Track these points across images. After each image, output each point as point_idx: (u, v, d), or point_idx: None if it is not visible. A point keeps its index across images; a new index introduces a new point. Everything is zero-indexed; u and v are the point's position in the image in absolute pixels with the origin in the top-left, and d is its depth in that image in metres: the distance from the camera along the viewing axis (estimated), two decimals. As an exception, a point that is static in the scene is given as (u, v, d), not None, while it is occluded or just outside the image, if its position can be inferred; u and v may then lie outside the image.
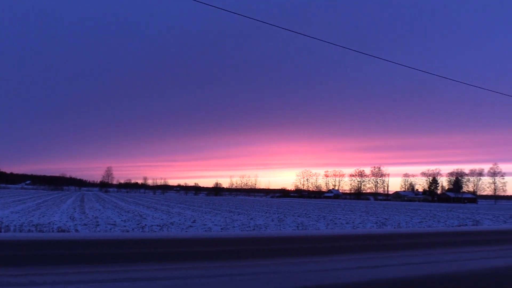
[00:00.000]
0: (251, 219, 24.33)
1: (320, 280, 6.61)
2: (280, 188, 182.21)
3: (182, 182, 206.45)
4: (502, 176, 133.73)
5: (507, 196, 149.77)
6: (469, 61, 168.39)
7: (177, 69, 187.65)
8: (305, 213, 32.77)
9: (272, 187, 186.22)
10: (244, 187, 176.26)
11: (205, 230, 16.09)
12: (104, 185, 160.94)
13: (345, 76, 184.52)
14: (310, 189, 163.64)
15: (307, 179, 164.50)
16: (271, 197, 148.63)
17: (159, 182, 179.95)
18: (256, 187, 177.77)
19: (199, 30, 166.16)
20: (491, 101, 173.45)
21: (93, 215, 22.23)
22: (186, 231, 15.10)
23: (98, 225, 16.74)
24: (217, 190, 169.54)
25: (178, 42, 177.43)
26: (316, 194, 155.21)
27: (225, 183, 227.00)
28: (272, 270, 7.36)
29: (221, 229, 17.12)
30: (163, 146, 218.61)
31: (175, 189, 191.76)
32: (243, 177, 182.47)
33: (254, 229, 17.43)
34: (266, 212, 33.35)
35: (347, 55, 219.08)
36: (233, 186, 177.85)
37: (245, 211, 34.30)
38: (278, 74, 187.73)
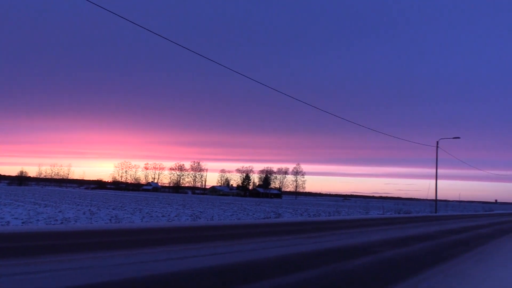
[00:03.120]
0: (60, 211, 22.46)
1: (125, 273, 6.53)
2: (96, 179, 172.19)
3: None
4: (303, 175, 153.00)
5: (306, 192, 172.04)
6: (285, 72, 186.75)
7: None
8: (121, 206, 31.73)
9: (87, 178, 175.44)
10: (55, 177, 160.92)
11: (2, 225, 14.24)
12: None
13: (170, 71, 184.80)
14: (129, 181, 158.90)
15: (126, 171, 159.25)
16: (86, 188, 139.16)
17: None
18: (69, 178, 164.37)
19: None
20: (297, 108, 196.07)
21: None
22: (-25, 226, 13.09)
23: None
24: (21, 179, 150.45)
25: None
26: (135, 187, 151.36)
27: (32, 171, 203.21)
28: (75, 265, 6.95)
29: (22, 223, 15.40)
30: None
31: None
32: (54, 166, 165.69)
33: (62, 222, 16.16)
34: (78, 205, 31.20)
35: (176, 49, 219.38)
36: (42, 176, 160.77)
37: (53, 203, 31.45)
38: (99, 58, 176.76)
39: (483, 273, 8.53)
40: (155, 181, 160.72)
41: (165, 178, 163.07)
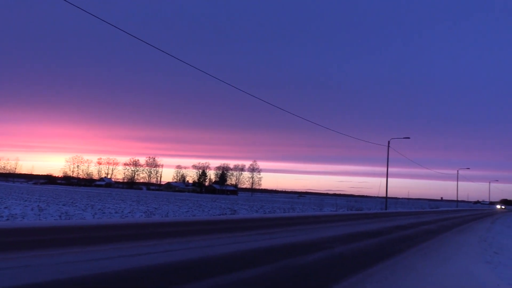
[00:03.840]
0: (6, 207, 21.45)
1: (73, 271, 6.36)
2: (46, 174, 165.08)
3: None
4: (259, 172, 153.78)
5: (262, 189, 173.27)
6: (240, 67, 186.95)
7: None
8: (72, 202, 30.71)
9: (36, 172, 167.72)
10: (1, 171, 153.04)
11: None
12: None
13: (125, 65, 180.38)
14: (81, 176, 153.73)
15: (78, 166, 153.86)
16: (34, 183, 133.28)
17: None
18: (17, 172, 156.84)
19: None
20: (254, 105, 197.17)
21: None
22: None
23: None
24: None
25: None
26: (87, 182, 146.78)
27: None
28: (19, 264, 6.69)
29: (-38, 219, 14.60)
30: None
31: None
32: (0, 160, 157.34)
33: (8, 219, 15.45)
34: (26, 200, 29.90)
35: (132, 42, 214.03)
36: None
37: (-2, 199, 29.95)
38: (51, 49, 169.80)
39: (428, 268, 8.96)
40: (109, 176, 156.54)
41: (119, 173, 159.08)
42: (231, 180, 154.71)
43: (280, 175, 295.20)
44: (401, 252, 11.20)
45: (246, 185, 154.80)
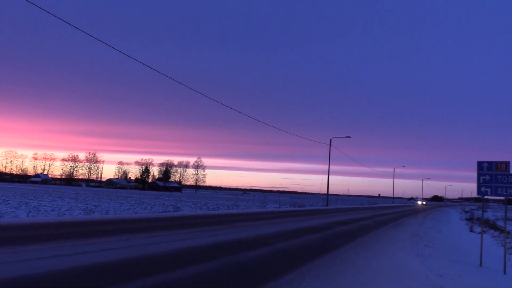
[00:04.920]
0: None
1: (3, 272, 6.04)
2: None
3: None
4: (203, 168, 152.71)
5: (206, 186, 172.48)
6: (185, 64, 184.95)
7: None
8: (4, 199, 28.95)
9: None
10: None
11: None
12: None
13: (63, 52, 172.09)
14: (14, 172, 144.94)
15: (11, 161, 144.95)
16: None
17: None
18: None
19: None
20: (199, 102, 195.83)
21: None
22: None
23: None
24: None
25: None
26: (21, 178, 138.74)
27: None
28: None
29: None
30: None
31: None
32: None
33: None
34: (-50, 198, 27.83)
35: (69, 30, 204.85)
36: None
37: None
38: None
39: (365, 261, 9.37)
40: (45, 172, 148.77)
41: (57, 169, 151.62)
42: (175, 177, 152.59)
43: (225, 172, 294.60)
44: (340, 246, 11.62)
45: (191, 182, 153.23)
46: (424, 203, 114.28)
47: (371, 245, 12.55)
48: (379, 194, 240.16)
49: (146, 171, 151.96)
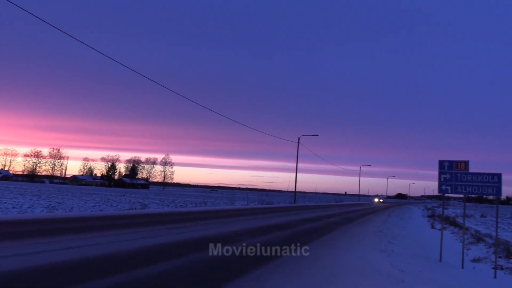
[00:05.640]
0: None
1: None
2: None
3: None
4: (171, 165, 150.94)
5: (174, 183, 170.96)
6: (154, 60, 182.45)
7: None
8: (-41, 196, 27.78)
9: None
10: None
11: None
12: None
13: (26, 44, 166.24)
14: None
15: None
16: None
17: None
18: None
19: None
20: (167, 98, 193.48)
21: None
22: None
23: None
24: None
25: None
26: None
27: None
28: None
29: None
30: None
31: None
32: None
33: None
34: None
35: (35, 23, 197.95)
36: None
37: None
38: None
39: (331, 257, 9.53)
40: (6, 168, 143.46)
41: (18, 165, 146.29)
42: (142, 174, 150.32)
43: (193, 169, 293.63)
44: (307, 243, 11.76)
45: (158, 179, 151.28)
46: (381, 200, 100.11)
47: (337, 242, 12.77)
48: (345, 192, 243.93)
49: (112, 167, 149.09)
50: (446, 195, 12.02)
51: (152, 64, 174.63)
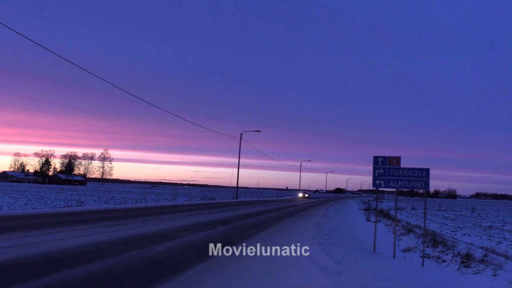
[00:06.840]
0: None
1: None
2: None
3: None
4: (110, 161, 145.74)
5: (114, 179, 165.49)
6: (94, 51, 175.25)
7: None
8: None
9: None
10: None
11: None
12: None
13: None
14: None
15: None
16: None
17: None
18: None
19: None
20: (106, 92, 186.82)
21: None
22: None
23: None
24: None
25: None
26: None
27: None
28: None
29: None
30: None
31: None
32: None
33: None
34: None
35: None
36: None
37: None
38: None
39: (271, 251, 9.70)
40: None
41: None
42: (79, 170, 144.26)
43: (133, 165, 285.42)
44: (247, 238, 11.91)
45: (96, 175, 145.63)
46: (307, 195, 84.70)
47: (277, 236, 13.03)
48: (287, 187, 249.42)
49: (46, 163, 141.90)
50: (380, 189, 12.60)
51: (91, 56, 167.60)
